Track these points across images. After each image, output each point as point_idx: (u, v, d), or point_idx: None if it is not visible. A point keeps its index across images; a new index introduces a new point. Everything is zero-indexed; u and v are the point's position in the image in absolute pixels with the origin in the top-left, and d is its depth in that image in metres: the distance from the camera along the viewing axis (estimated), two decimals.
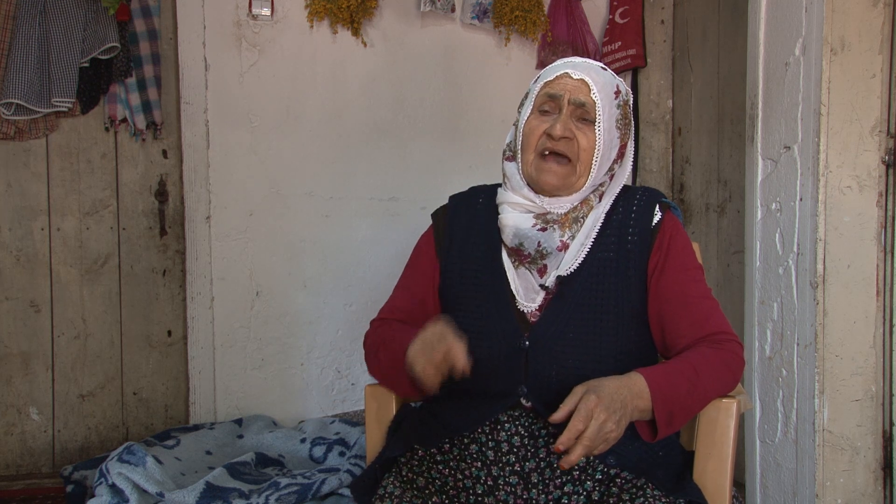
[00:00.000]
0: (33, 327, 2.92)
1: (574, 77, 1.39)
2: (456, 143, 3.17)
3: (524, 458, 1.35)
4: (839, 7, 2.04)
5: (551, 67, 1.45)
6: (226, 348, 2.98)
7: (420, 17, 3.11)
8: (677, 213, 1.48)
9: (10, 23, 2.78)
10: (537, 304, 1.41)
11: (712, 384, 1.34)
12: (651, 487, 1.28)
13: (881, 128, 2.09)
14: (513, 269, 1.44)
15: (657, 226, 1.42)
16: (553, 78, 1.41)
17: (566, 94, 1.39)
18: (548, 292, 1.42)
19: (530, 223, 1.41)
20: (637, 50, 3.19)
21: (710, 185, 2.98)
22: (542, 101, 1.42)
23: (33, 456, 2.94)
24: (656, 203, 1.45)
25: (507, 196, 1.46)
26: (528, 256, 1.42)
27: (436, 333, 1.30)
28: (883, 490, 2.14)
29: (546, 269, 1.42)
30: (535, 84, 1.46)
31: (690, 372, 1.32)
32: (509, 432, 1.37)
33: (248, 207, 2.98)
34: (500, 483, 1.35)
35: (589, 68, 1.41)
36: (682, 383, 1.30)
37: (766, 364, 2.26)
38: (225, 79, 2.94)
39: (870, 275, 2.10)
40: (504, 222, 1.44)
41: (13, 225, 2.90)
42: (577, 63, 1.42)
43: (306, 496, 2.25)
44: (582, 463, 1.33)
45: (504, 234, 1.44)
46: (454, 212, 1.54)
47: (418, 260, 1.56)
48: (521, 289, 1.43)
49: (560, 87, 1.40)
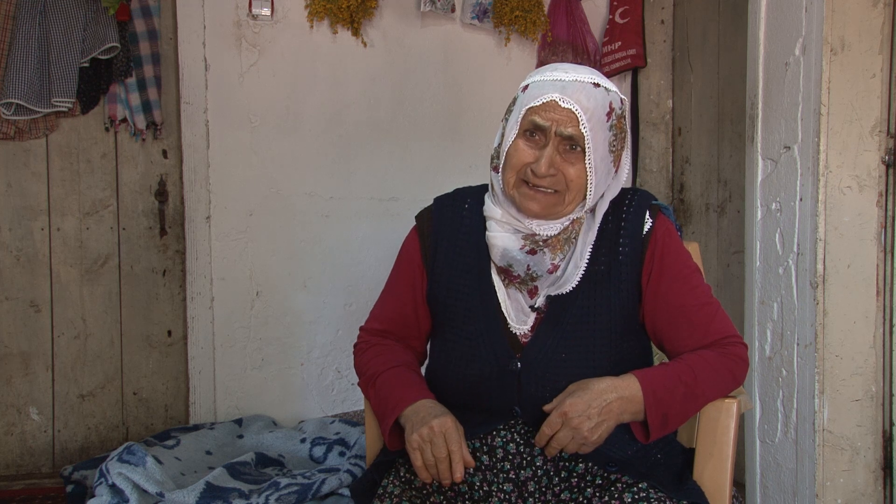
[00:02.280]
0: (33, 327, 2.92)
1: (562, 106, 1.27)
2: (456, 143, 3.17)
3: (520, 467, 1.34)
4: (839, 7, 2.04)
5: (539, 83, 1.32)
6: (226, 348, 2.98)
7: (420, 17, 3.11)
8: (669, 213, 1.43)
9: (10, 23, 2.78)
10: (528, 326, 1.38)
11: (710, 387, 1.33)
12: (654, 490, 1.27)
13: (881, 128, 2.09)
14: (503, 289, 1.39)
15: (648, 233, 1.37)
16: (539, 104, 1.29)
17: (553, 125, 1.28)
18: (538, 313, 1.38)
19: (518, 245, 1.35)
20: (637, 50, 3.19)
21: (710, 185, 2.98)
22: (527, 125, 1.31)
23: (33, 456, 2.94)
24: (646, 209, 1.39)
25: (494, 212, 1.38)
26: (517, 277, 1.37)
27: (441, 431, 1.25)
28: (883, 490, 2.14)
29: (536, 291, 1.38)
30: (522, 95, 1.35)
31: (688, 375, 1.31)
32: (504, 439, 1.36)
33: (248, 207, 2.98)
34: (493, 490, 1.34)
35: (579, 91, 1.28)
36: (679, 387, 1.29)
37: (766, 364, 2.26)
38: (225, 79, 2.94)
39: (870, 275, 2.10)
40: (492, 241, 1.38)
41: (13, 225, 2.89)
42: (566, 84, 1.29)
43: (306, 496, 2.25)
44: (580, 470, 1.32)
45: (492, 253, 1.39)
46: (439, 216, 1.47)
47: (404, 265, 1.50)
48: (512, 310, 1.39)
49: (547, 117, 1.28)
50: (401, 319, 1.49)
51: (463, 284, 1.42)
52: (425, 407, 1.31)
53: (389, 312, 1.51)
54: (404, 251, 1.51)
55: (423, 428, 1.26)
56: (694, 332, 1.36)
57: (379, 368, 1.43)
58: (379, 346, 1.49)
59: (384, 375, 1.40)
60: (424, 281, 1.46)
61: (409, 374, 1.40)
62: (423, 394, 1.35)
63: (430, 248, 1.45)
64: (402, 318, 1.49)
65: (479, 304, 1.40)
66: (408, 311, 1.48)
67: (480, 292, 1.40)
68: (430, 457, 1.26)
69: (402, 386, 1.37)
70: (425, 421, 1.27)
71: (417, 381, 1.39)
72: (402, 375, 1.40)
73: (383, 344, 1.49)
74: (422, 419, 1.28)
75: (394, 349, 1.47)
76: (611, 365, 1.35)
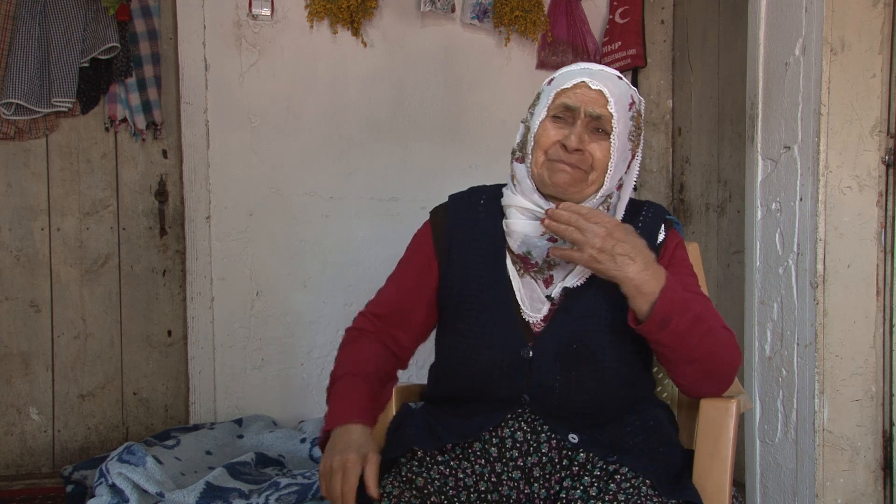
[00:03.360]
0: (33, 327, 2.92)
1: (592, 87, 1.36)
2: (456, 143, 3.17)
3: (526, 454, 1.36)
4: (839, 7, 2.04)
5: (567, 73, 1.41)
6: (226, 348, 2.98)
7: (420, 17, 3.11)
8: (679, 228, 1.50)
9: (10, 23, 2.78)
10: (542, 315, 1.41)
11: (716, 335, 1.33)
12: (648, 485, 1.28)
13: (881, 128, 2.09)
14: (518, 278, 1.43)
15: (661, 243, 1.44)
16: (570, 86, 1.37)
17: (583, 105, 1.35)
18: (553, 303, 1.41)
19: (539, 231, 1.38)
20: (637, 50, 3.19)
21: (710, 185, 2.99)
22: (557, 108, 1.38)
23: (33, 456, 2.94)
24: (661, 222, 1.46)
25: (516, 199, 1.42)
26: (534, 265, 1.41)
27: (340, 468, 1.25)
28: (883, 490, 2.14)
29: (552, 280, 1.41)
30: (549, 86, 1.42)
31: (704, 308, 1.34)
32: (512, 429, 1.38)
33: (248, 207, 2.98)
34: (503, 479, 1.36)
35: (606, 78, 1.38)
36: (695, 306, 1.32)
37: (766, 364, 2.26)
38: (225, 79, 2.94)
39: (870, 275, 2.10)
40: (512, 228, 1.42)
41: (13, 225, 2.90)
42: (594, 71, 1.39)
43: (306, 496, 2.25)
44: (581, 459, 1.34)
45: (511, 240, 1.42)
46: (454, 212, 1.51)
47: (414, 256, 1.53)
48: (527, 298, 1.41)
49: (577, 97, 1.36)
50: (397, 307, 1.51)
51: (477, 276, 1.44)
52: (346, 434, 1.31)
53: (388, 296, 1.53)
54: (415, 244, 1.54)
55: (329, 459, 1.28)
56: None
57: (340, 371, 1.45)
58: (357, 342, 1.50)
59: (340, 382, 1.42)
60: (435, 274, 1.49)
61: (361, 387, 1.41)
62: (355, 415, 1.35)
63: (444, 241, 1.48)
64: (399, 305, 1.51)
65: (493, 294, 1.42)
66: (408, 299, 1.50)
67: (495, 282, 1.43)
68: (334, 487, 1.26)
69: (346, 400, 1.38)
70: (335, 451, 1.29)
71: (362, 398, 1.40)
72: (355, 387, 1.41)
73: (363, 339, 1.50)
74: (334, 447, 1.30)
75: (367, 350, 1.48)
76: (618, 359, 1.38)
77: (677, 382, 1.40)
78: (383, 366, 1.48)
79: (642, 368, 1.45)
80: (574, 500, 1.30)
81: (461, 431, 1.38)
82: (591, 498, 1.29)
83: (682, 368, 1.35)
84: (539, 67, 3.22)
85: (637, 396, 1.45)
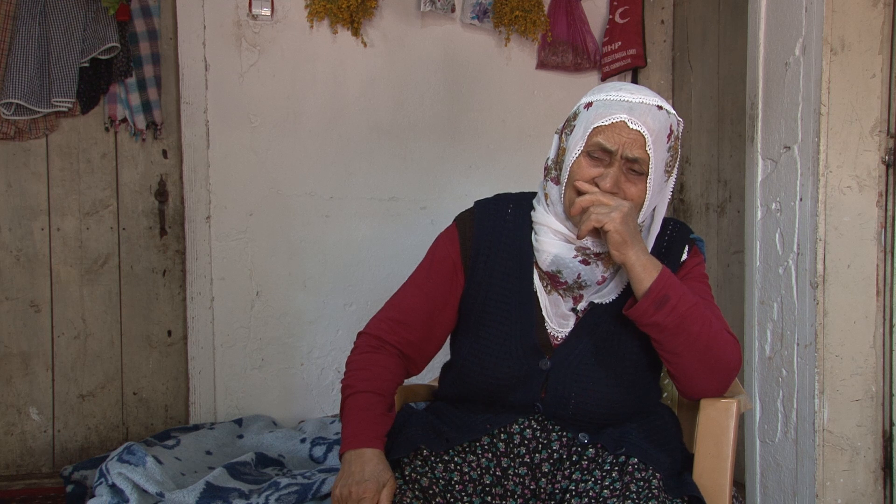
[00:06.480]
0: (33, 327, 2.92)
1: (631, 127, 1.32)
2: (456, 143, 3.17)
3: (535, 451, 1.37)
4: (839, 7, 2.04)
5: (606, 103, 1.35)
6: (226, 348, 2.98)
7: (420, 17, 3.11)
8: (702, 246, 1.53)
9: (10, 23, 2.78)
10: (568, 330, 1.43)
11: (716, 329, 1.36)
12: (658, 479, 1.30)
13: (881, 128, 2.09)
14: (544, 294, 1.44)
15: (684, 262, 1.48)
16: (608, 124, 1.33)
17: (620, 148, 1.32)
18: (577, 315, 1.43)
19: (571, 254, 1.39)
20: (637, 50, 3.19)
21: (710, 185, 2.99)
22: (593, 147, 1.35)
23: (33, 456, 2.94)
24: (686, 242, 1.49)
25: (549, 220, 1.42)
26: (563, 284, 1.41)
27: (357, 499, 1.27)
28: (883, 490, 2.14)
29: (581, 298, 1.43)
30: (586, 112, 1.37)
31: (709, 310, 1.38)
32: (522, 425, 1.39)
33: (248, 207, 2.98)
34: (509, 473, 1.37)
35: (646, 113, 1.33)
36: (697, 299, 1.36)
37: (766, 364, 2.26)
38: (225, 79, 2.94)
39: (870, 275, 2.10)
40: (542, 247, 1.42)
41: (13, 225, 2.90)
42: (633, 105, 1.33)
43: (306, 496, 2.25)
44: (591, 454, 1.35)
45: (540, 258, 1.42)
46: (481, 220, 1.49)
47: (437, 264, 1.50)
48: (553, 314, 1.43)
49: (614, 140, 1.32)
50: (424, 316, 1.48)
51: (502, 287, 1.45)
52: (362, 460, 1.33)
53: (413, 307, 1.49)
54: (440, 250, 1.51)
55: (345, 487, 1.29)
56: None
57: (359, 385, 1.44)
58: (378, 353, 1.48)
59: (360, 397, 1.42)
60: (461, 282, 1.48)
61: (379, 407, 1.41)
62: (371, 440, 1.36)
63: (470, 249, 1.47)
64: (425, 315, 1.48)
65: (517, 306, 1.43)
66: (429, 308, 1.48)
67: (519, 295, 1.44)
68: None
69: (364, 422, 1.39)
70: (352, 477, 1.30)
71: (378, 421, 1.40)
72: (373, 407, 1.41)
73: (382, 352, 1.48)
74: (350, 473, 1.31)
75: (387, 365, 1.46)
76: (635, 374, 1.42)
77: (677, 379, 1.40)
78: (399, 381, 1.49)
79: (654, 381, 1.49)
80: (585, 492, 1.30)
81: (469, 428, 1.39)
82: (605, 489, 1.30)
83: (683, 360, 1.36)
84: (539, 67, 3.22)
85: (647, 405, 1.48)
